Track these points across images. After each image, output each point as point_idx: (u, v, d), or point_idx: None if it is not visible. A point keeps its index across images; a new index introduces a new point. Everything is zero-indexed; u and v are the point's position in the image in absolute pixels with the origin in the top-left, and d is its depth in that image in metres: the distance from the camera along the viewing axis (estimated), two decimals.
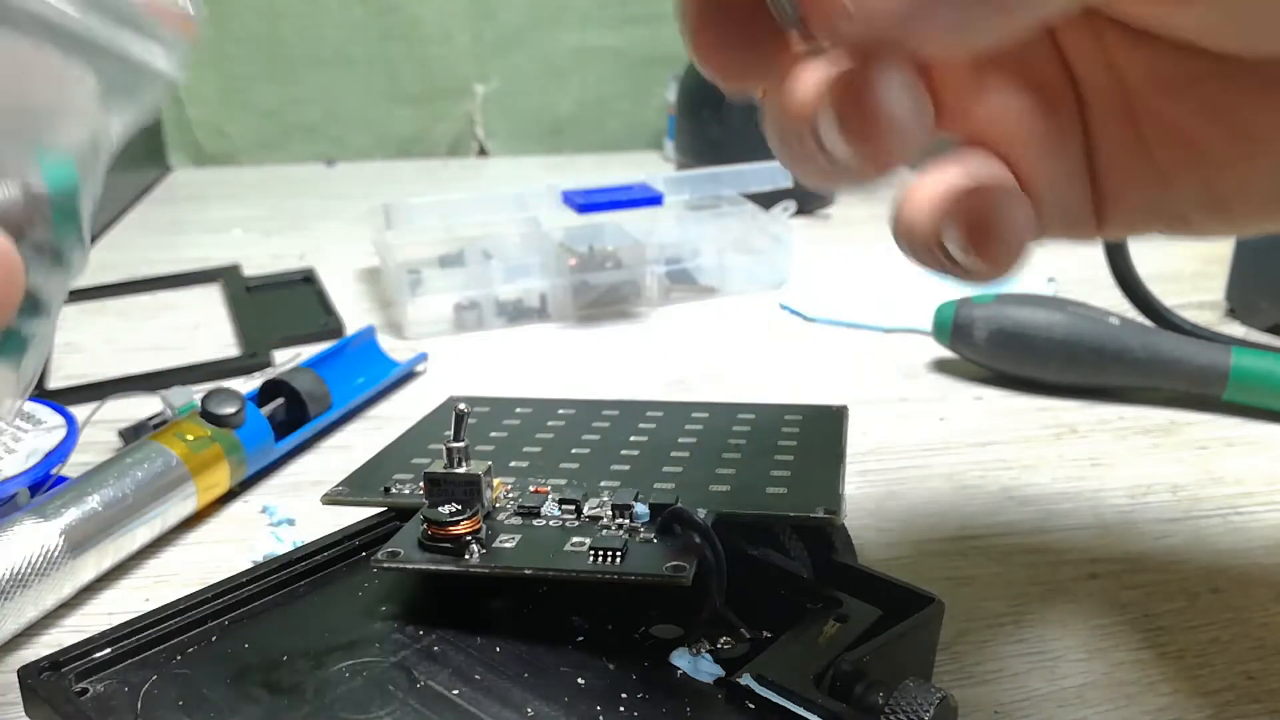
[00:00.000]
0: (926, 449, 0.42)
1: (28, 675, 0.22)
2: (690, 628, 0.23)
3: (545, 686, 0.21)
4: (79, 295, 0.59)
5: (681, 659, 0.22)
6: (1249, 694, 0.27)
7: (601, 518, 0.25)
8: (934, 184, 0.19)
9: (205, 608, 0.24)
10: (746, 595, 0.24)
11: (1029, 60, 0.20)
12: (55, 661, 0.22)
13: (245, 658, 0.23)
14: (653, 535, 0.24)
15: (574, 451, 0.30)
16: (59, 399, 0.40)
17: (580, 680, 0.22)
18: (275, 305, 0.60)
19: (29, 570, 0.29)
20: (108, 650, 0.22)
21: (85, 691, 0.21)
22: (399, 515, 0.27)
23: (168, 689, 0.22)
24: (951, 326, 0.47)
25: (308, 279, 0.63)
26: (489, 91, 0.99)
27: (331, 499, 0.28)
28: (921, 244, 0.20)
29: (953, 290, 0.50)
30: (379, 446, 0.32)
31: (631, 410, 0.33)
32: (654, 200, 0.58)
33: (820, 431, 0.31)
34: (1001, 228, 0.19)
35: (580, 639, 0.23)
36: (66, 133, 0.20)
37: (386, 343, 0.51)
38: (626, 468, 0.28)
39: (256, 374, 0.48)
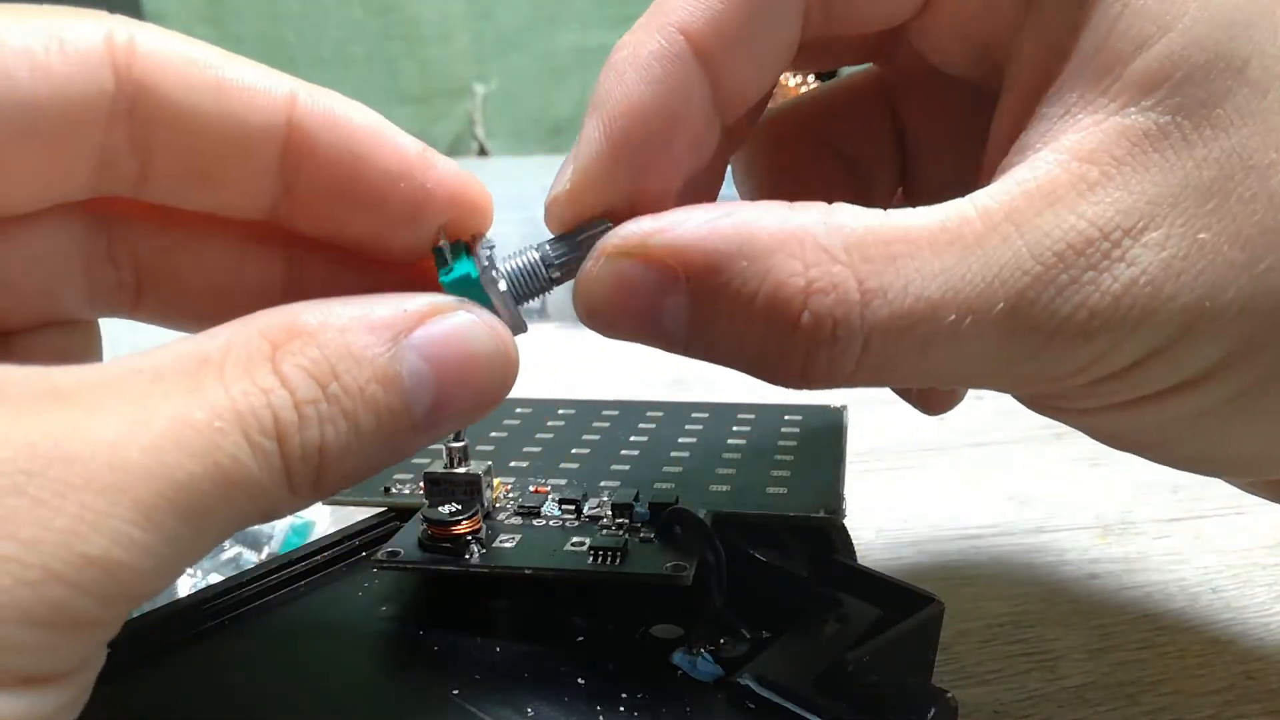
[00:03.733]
0: (926, 449, 0.42)
1: None
2: (690, 628, 0.23)
3: (545, 686, 0.21)
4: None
5: (681, 659, 0.22)
6: (1249, 694, 0.27)
7: (601, 518, 0.25)
8: None
9: (204, 607, 0.24)
10: (746, 595, 0.24)
11: None
12: None
13: (243, 659, 0.23)
14: (653, 535, 0.24)
15: (574, 451, 0.30)
16: None
17: (580, 680, 0.22)
18: None
19: None
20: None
21: None
22: (399, 515, 0.27)
23: (166, 689, 0.22)
24: None
25: None
26: (489, 91, 0.99)
27: (331, 499, 0.28)
28: None
29: None
30: None
31: (631, 410, 0.33)
32: None
33: (820, 431, 0.31)
34: None
35: (580, 639, 0.23)
36: None
37: None
38: (626, 468, 0.28)
39: None
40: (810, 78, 0.81)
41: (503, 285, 0.20)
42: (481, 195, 0.20)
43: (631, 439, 0.31)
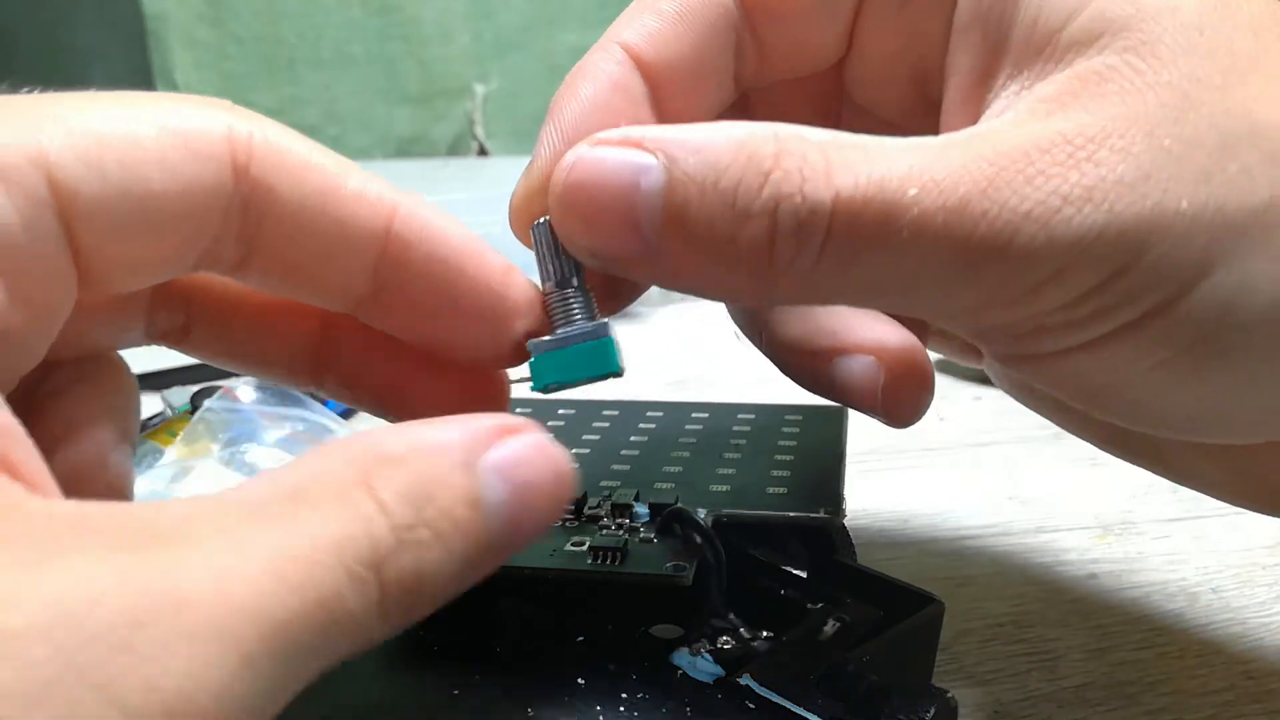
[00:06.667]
0: (926, 449, 0.42)
1: None
2: (690, 628, 0.23)
3: (545, 686, 0.21)
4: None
5: (681, 659, 0.22)
6: (1249, 694, 0.27)
7: (601, 518, 0.25)
8: None
9: None
10: (746, 595, 0.24)
11: None
12: None
13: None
14: (653, 535, 0.24)
15: (574, 451, 0.30)
16: None
17: (580, 680, 0.22)
18: None
19: None
20: None
21: None
22: None
23: None
24: None
25: None
26: (489, 91, 0.99)
27: None
28: None
29: None
30: None
31: (631, 410, 0.33)
32: None
33: (820, 431, 0.31)
34: None
35: (580, 639, 0.23)
36: None
37: None
38: (626, 468, 0.28)
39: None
40: None
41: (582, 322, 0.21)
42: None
43: (631, 439, 0.31)
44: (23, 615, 0.12)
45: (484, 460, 0.16)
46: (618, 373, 0.20)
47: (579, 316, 0.20)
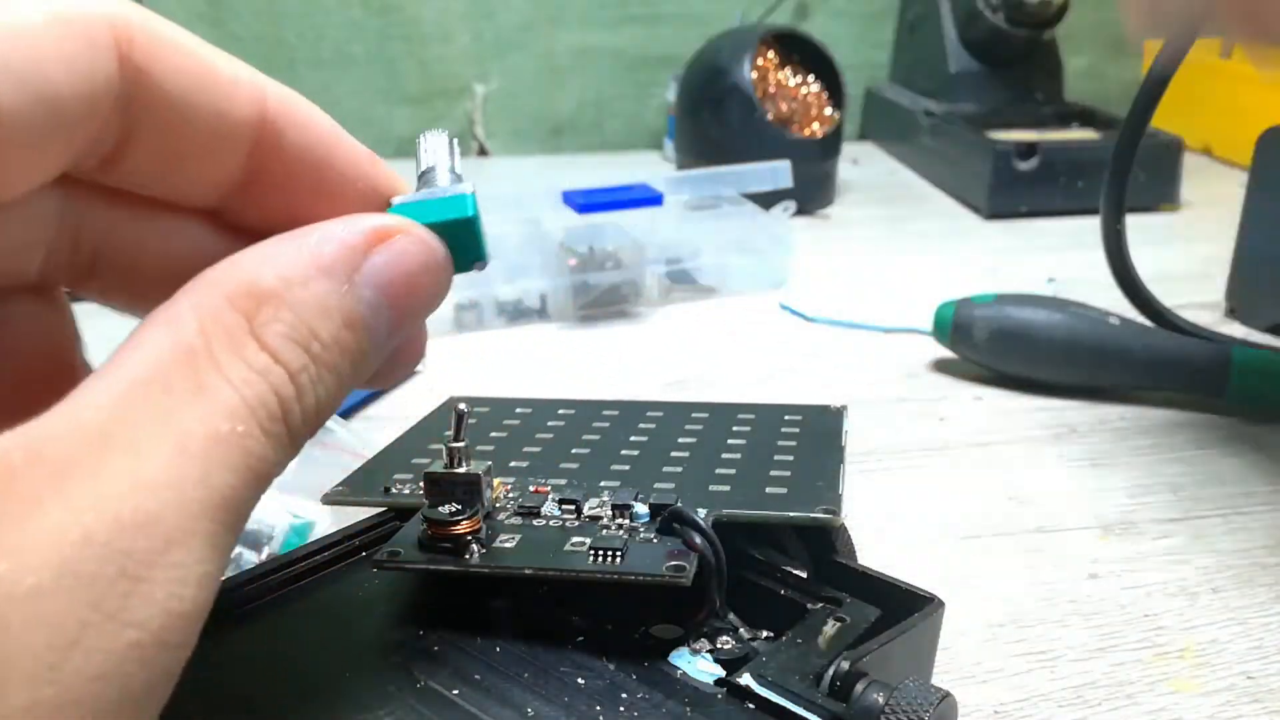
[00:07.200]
0: (926, 449, 0.42)
1: None
2: (690, 628, 0.23)
3: (545, 686, 0.21)
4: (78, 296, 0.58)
5: (681, 659, 0.22)
6: (1249, 694, 0.27)
7: (601, 518, 0.25)
8: None
9: None
10: (746, 595, 0.24)
11: None
12: None
13: (243, 659, 0.23)
14: (653, 535, 0.24)
15: (574, 451, 0.30)
16: None
17: (580, 680, 0.22)
18: None
19: None
20: None
21: None
22: (399, 515, 0.27)
23: None
24: (951, 326, 0.47)
25: None
26: (489, 91, 0.99)
27: (331, 499, 0.28)
28: None
29: (952, 290, 0.50)
30: (379, 446, 0.32)
31: (631, 410, 0.33)
32: (654, 200, 0.59)
33: (820, 431, 0.31)
34: None
35: (580, 639, 0.23)
36: None
37: None
38: (626, 468, 0.28)
39: None
40: (810, 78, 0.81)
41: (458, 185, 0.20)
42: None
43: (631, 439, 0.31)
44: (34, 574, 0.12)
45: (360, 275, 0.17)
46: (475, 232, 0.19)
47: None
